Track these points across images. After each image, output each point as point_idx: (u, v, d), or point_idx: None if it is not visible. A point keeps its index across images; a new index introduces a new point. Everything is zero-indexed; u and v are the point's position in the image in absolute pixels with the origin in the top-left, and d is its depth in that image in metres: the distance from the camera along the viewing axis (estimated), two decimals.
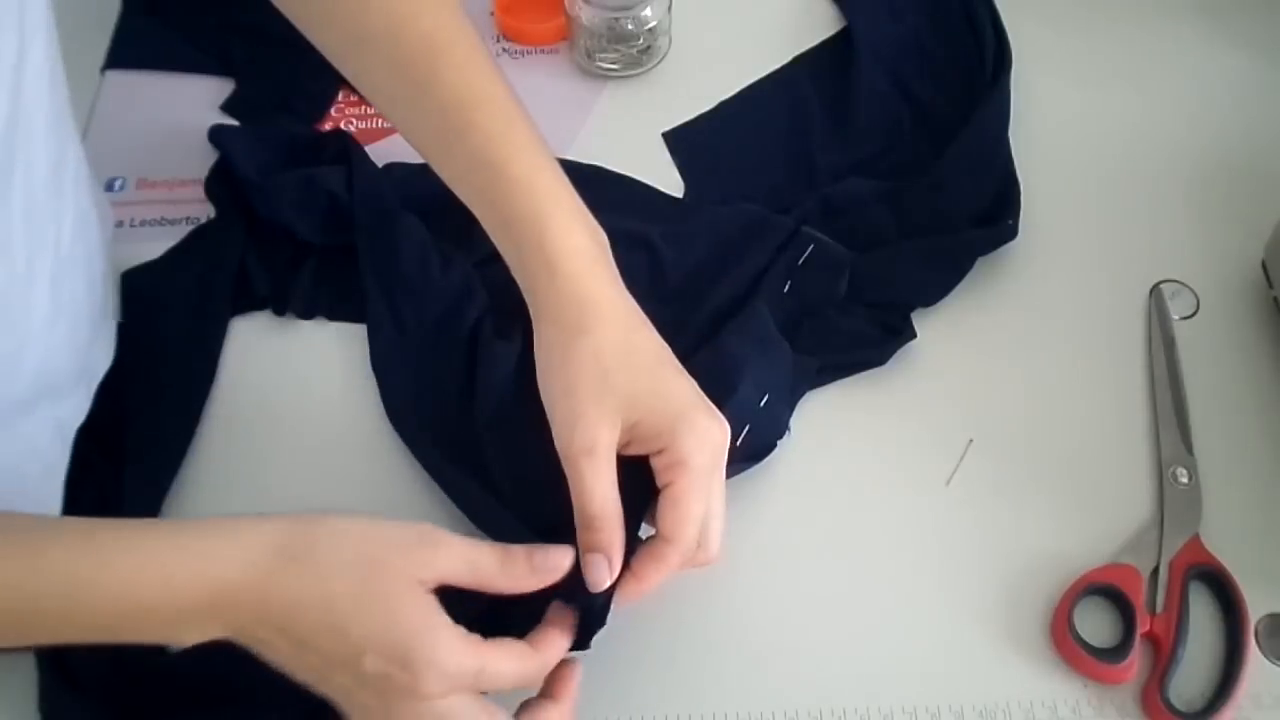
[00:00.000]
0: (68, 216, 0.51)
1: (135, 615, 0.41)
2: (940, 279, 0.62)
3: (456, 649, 0.41)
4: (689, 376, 0.49)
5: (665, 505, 0.46)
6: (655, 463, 0.47)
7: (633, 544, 0.46)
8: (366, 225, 0.61)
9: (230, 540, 0.42)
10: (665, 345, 0.50)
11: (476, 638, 0.42)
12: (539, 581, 0.44)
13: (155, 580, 0.41)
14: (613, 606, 0.46)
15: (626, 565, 0.46)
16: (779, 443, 0.56)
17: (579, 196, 0.50)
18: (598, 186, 0.66)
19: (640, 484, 0.47)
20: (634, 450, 0.47)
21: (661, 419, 0.46)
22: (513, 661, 0.43)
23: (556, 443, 0.46)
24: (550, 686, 0.45)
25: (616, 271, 0.50)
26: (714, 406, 0.48)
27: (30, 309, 0.48)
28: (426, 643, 0.41)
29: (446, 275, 0.60)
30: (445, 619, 0.42)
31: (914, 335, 0.60)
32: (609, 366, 0.46)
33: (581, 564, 0.45)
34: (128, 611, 0.41)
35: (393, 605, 0.41)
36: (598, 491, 0.45)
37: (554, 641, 0.45)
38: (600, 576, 0.45)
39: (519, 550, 0.44)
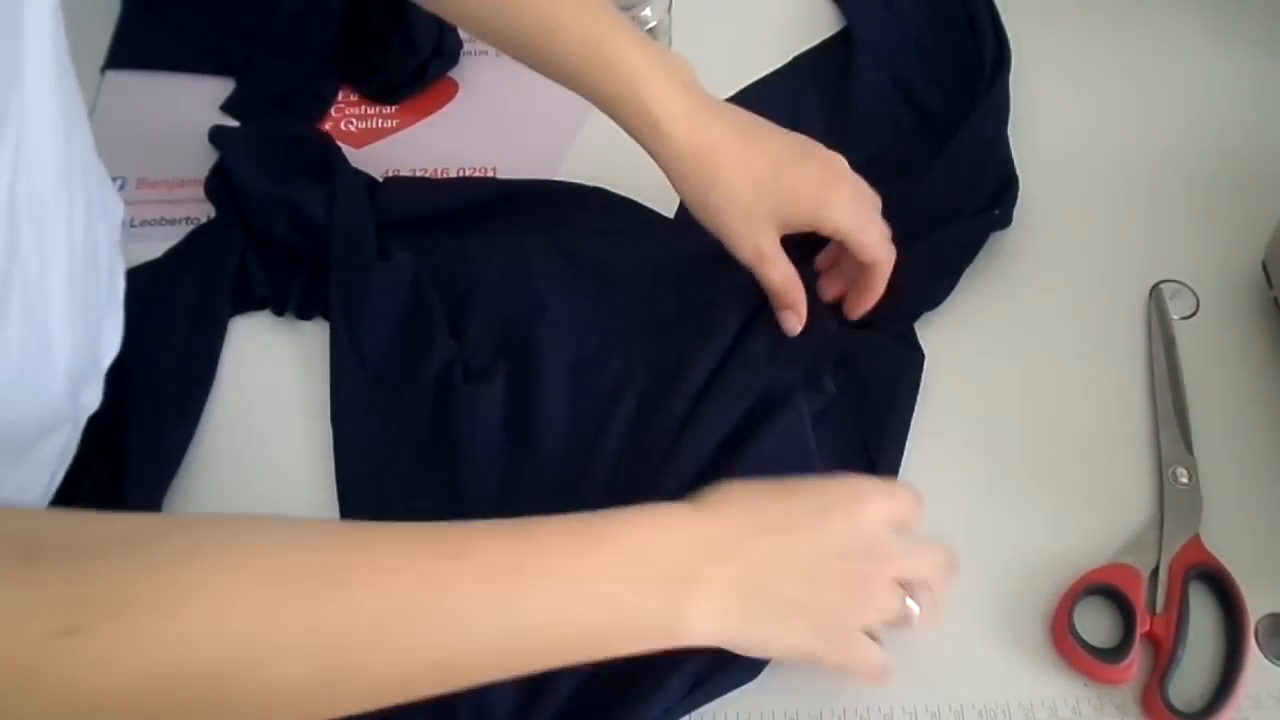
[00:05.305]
0: (79, 211, 0.51)
1: (640, 584, 0.43)
2: (942, 282, 0.62)
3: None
4: (806, 157, 0.57)
5: (852, 252, 0.57)
6: (821, 234, 0.57)
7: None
8: (339, 273, 0.61)
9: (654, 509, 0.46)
10: (774, 137, 0.57)
11: None
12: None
13: (639, 536, 0.44)
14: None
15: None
16: None
17: (664, 54, 0.56)
18: (596, 210, 0.66)
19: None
20: (799, 232, 0.57)
21: (803, 215, 0.56)
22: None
23: (735, 257, 0.57)
24: None
25: (713, 104, 0.57)
26: (829, 161, 0.57)
27: (49, 313, 0.48)
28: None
29: (414, 316, 0.60)
30: None
31: (922, 354, 0.60)
32: (744, 201, 0.55)
33: (778, 319, 0.58)
34: (635, 579, 0.43)
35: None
36: (777, 277, 0.57)
37: None
38: (791, 324, 0.58)
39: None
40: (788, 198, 0.56)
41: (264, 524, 0.40)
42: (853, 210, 0.56)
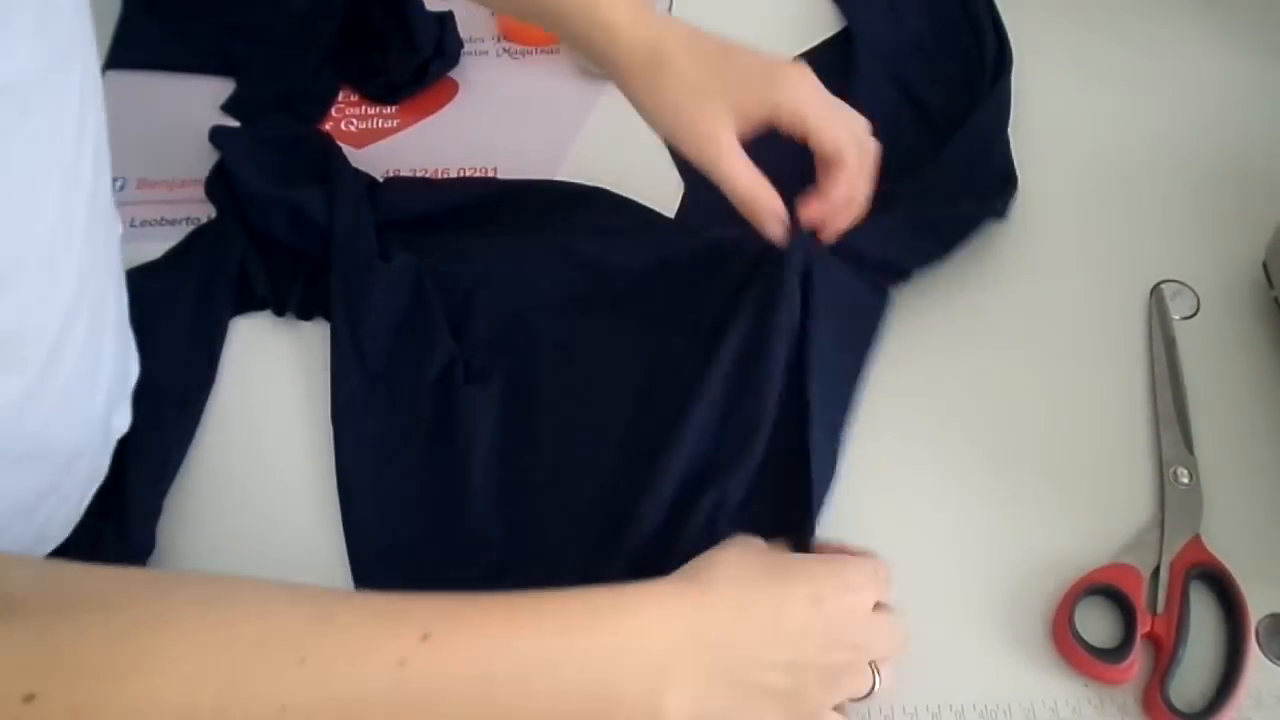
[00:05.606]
0: (118, 224, 0.51)
1: (619, 669, 0.41)
2: (923, 246, 0.61)
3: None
4: (747, 50, 0.55)
5: (814, 144, 0.54)
6: (780, 126, 0.54)
7: None
8: (340, 273, 0.61)
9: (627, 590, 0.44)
10: (724, 39, 0.56)
11: None
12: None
13: (619, 626, 0.41)
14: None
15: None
16: None
17: None
18: (596, 210, 0.66)
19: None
20: (757, 129, 0.54)
21: (759, 95, 0.53)
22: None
23: (692, 160, 0.54)
24: None
25: (665, 15, 0.56)
26: (780, 61, 0.55)
27: (105, 331, 0.48)
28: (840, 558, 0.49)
29: (415, 316, 0.60)
30: None
31: (888, 296, 0.60)
32: (694, 82, 0.53)
33: (761, 231, 0.54)
34: (615, 664, 0.41)
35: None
36: (738, 175, 0.53)
37: None
38: (776, 231, 0.54)
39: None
40: (739, 76, 0.54)
41: (238, 590, 0.38)
42: (814, 93, 0.54)
